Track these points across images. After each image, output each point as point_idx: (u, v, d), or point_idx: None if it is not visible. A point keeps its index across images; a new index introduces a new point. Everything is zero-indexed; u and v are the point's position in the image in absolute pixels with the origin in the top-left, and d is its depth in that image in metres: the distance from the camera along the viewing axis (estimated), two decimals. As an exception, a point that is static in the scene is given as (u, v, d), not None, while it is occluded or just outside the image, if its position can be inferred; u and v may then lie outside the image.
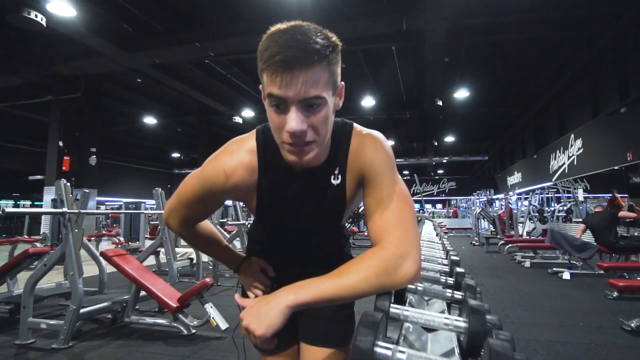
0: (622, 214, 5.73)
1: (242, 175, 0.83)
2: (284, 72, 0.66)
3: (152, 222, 10.49)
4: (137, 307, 3.55)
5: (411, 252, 0.73)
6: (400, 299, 0.84)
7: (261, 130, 0.87)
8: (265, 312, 0.70)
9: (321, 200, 0.88)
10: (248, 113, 13.05)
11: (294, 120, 0.69)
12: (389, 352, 0.55)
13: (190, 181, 0.89)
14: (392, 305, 0.73)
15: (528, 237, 10.15)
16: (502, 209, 11.35)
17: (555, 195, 13.02)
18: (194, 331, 3.19)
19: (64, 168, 8.99)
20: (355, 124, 0.88)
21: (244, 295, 1.07)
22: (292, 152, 0.74)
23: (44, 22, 6.32)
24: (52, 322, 3.05)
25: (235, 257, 1.09)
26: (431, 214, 17.81)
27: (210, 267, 5.86)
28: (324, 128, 0.74)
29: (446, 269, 1.25)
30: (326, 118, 0.73)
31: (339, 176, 0.86)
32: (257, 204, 0.89)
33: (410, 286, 0.90)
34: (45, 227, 8.56)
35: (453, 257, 1.30)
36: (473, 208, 13.46)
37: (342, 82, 0.77)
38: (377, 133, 0.87)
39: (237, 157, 0.84)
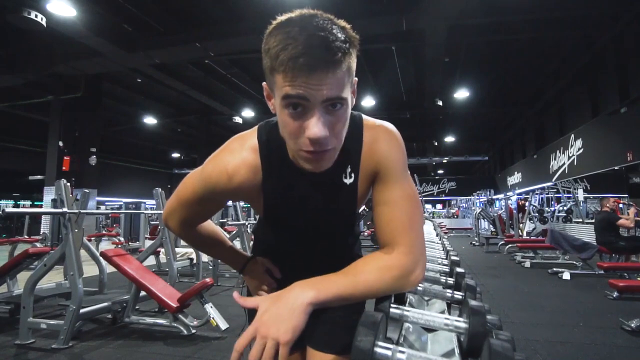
0: (621, 222, 5.72)
1: (246, 175, 0.78)
2: (309, 74, 0.60)
3: (152, 222, 10.51)
4: (137, 307, 3.55)
5: (422, 258, 0.75)
6: (400, 299, 0.84)
7: (263, 127, 0.82)
8: (287, 313, 0.61)
9: (332, 200, 0.84)
10: (248, 113, 13.05)
11: (316, 126, 0.62)
12: (389, 352, 0.55)
13: (191, 181, 0.85)
14: (392, 305, 0.73)
15: (528, 237, 10.16)
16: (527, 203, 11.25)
17: (556, 195, 13.01)
18: (194, 331, 3.19)
19: (64, 168, 8.99)
20: (363, 116, 0.84)
21: (249, 297, 1.04)
22: (308, 161, 0.68)
23: (44, 22, 6.32)
24: (52, 322, 3.05)
25: (239, 258, 1.05)
26: (431, 214, 17.81)
27: (210, 267, 5.85)
28: (343, 131, 0.69)
29: (446, 269, 1.25)
30: (346, 120, 0.69)
31: (352, 174, 0.81)
32: (264, 206, 0.85)
33: (410, 286, 0.90)
34: (45, 227, 8.57)
35: (453, 258, 1.30)
36: (473, 208, 13.46)
37: (356, 78, 0.72)
38: (390, 125, 0.82)
39: (239, 156, 0.78)
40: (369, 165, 0.80)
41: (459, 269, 1.08)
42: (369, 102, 12.06)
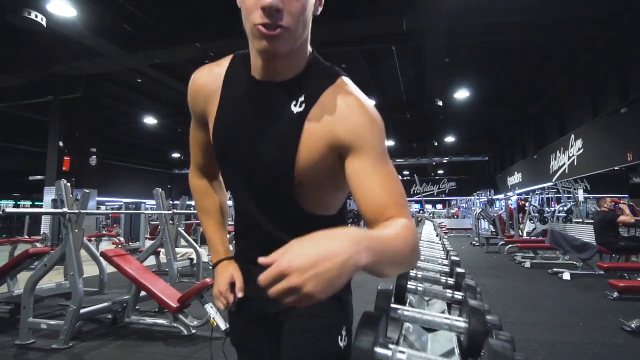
0: (621, 219, 5.72)
1: (206, 77, 0.84)
2: None
3: (152, 222, 10.49)
4: (137, 307, 3.55)
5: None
6: (401, 299, 0.84)
7: (239, 52, 0.86)
8: (332, 271, 0.48)
9: (274, 131, 0.76)
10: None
11: None
12: (389, 352, 0.55)
13: None
14: (392, 305, 0.73)
15: (528, 237, 10.15)
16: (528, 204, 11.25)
17: (556, 195, 13.01)
18: (194, 331, 3.19)
19: (64, 168, 8.99)
20: (349, 80, 0.80)
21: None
22: (262, 36, 0.67)
23: (44, 22, 6.32)
24: (52, 322, 3.05)
25: (218, 250, 1.00)
26: (431, 214, 17.80)
27: (210, 267, 5.85)
28: (300, 19, 0.68)
29: (446, 269, 1.25)
30: (304, 9, 0.68)
31: (303, 105, 0.75)
32: (214, 122, 0.82)
33: (410, 286, 0.90)
34: (45, 227, 8.56)
35: (453, 258, 1.30)
36: (473, 208, 13.46)
37: None
38: (371, 104, 0.77)
39: (208, 65, 0.86)
40: (329, 119, 0.73)
41: (459, 269, 1.08)
42: (368, 102, 12.05)
